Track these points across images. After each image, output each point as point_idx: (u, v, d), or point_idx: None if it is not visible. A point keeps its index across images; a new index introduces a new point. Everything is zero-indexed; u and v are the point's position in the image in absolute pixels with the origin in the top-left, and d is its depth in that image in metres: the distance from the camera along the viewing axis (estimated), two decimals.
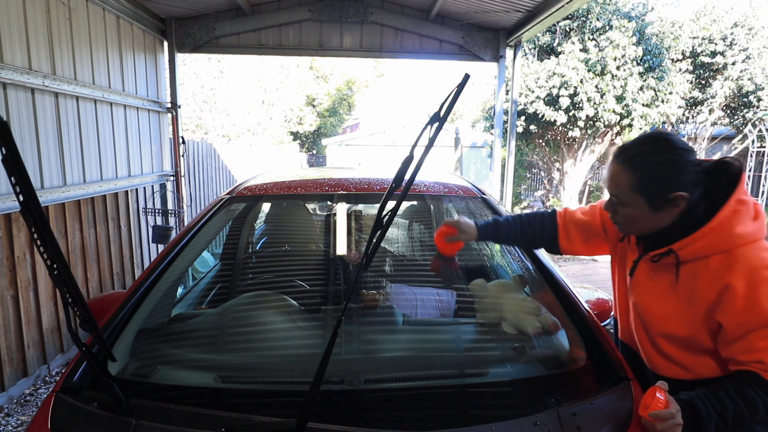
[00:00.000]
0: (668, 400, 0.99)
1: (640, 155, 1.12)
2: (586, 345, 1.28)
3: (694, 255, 1.11)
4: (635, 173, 1.11)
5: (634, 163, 1.12)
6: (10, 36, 2.89)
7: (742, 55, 8.81)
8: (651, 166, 1.10)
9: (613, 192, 1.17)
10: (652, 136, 1.15)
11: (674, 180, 1.09)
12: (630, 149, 1.14)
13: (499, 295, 1.53)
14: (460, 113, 26.45)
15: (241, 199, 1.98)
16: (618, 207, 1.18)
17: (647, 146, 1.12)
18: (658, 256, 1.16)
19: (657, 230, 1.17)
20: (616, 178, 1.15)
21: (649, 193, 1.11)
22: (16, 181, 0.75)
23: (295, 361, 1.32)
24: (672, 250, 1.13)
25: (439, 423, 1.03)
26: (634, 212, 1.15)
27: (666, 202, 1.11)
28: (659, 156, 1.10)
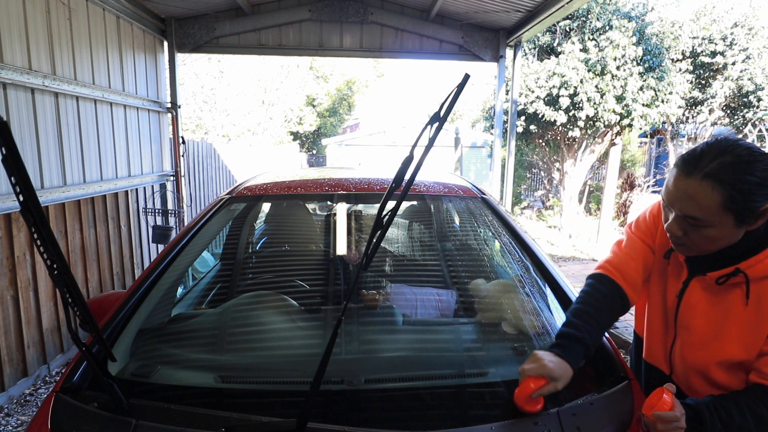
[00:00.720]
0: (674, 403, 0.98)
1: (724, 168, 0.96)
2: None
3: (764, 273, 1.02)
4: (725, 189, 0.96)
5: (721, 178, 0.96)
6: (10, 36, 2.89)
7: (742, 55, 8.81)
8: (742, 178, 0.95)
9: (692, 213, 1.00)
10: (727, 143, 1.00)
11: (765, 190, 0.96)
12: (707, 161, 0.98)
13: (499, 295, 1.53)
14: (460, 113, 26.45)
15: (241, 199, 1.98)
16: (692, 228, 1.03)
17: (729, 156, 0.97)
18: (725, 277, 1.05)
19: None
20: (696, 197, 0.99)
21: (739, 210, 0.97)
22: (16, 181, 0.75)
23: (295, 361, 1.32)
24: (739, 269, 1.03)
25: (439, 423, 1.03)
26: (718, 233, 1.01)
27: (754, 217, 0.98)
28: (746, 166, 0.96)
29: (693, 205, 1.00)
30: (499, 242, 1.84)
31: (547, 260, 1.63)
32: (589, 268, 7.24)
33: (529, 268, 1.62)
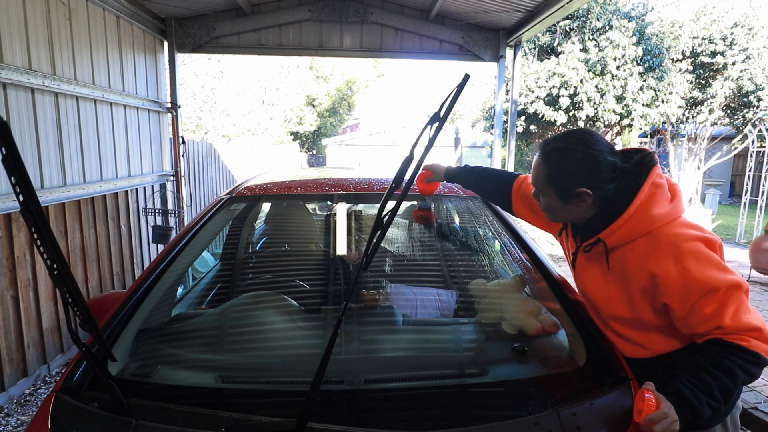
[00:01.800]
0: (658, 399, 1.00)
1: (554, 151, 1.20)
2: (585, 345, 1.28)
3: (620, 241, 1.17)
4: (548, 167, 1.21)
5: (548, 158, 1.21)
6: (10, 36, 2.89)
7: (742, 55, 8.81)
8: (562, 162, 1.18)
9: (533, 182, 1.27)
10: (571, 133, 1.22)
11: (580, 177, 1.16)
12: (549, 144, 1.23)
13: (499, 295, 1.53)
14: (460, 113, 26.45)
15: (241, 199, 1.98)
16: (539, 196, 1.28)
17: (563, 142, 1.20)
18: (589, 246, 1.23)
19: (583, 222, 1.25)
20: (535, 170, 1.25)
21: (557, 187, 1.20)
22: (16, 181, 0.75)
23: (295, 361, 1.32)
24: (600, 239, 1.19)
25: (439, 423, 1.03)
26: (549, 202, 1.25)
27: (573, 197, 1.18)
28: (571, 154, 1.17)
29: (532, 175, 1.27)
30: (499, 242, 1.84)
31: (547, 260, 1.64)
32: None
33: (529, 268, 1.62)
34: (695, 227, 1.14)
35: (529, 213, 1.54)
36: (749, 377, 1.05)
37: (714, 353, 1.07)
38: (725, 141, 11.00)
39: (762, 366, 1.05)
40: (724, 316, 1.05)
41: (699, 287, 1.06)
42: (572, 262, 1.35)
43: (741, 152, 11.42)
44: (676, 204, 1.16)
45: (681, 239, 1.10)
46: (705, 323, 1.07)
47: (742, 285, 1.08)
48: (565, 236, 1.38)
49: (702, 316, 1.07)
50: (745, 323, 1.05)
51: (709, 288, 1.06)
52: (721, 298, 1.06)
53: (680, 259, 1.08)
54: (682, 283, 1.08)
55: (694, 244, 1.09)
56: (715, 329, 1.07)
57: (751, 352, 1.04)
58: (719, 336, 1.07)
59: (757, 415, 2.69)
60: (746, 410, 2.74)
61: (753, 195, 9.67)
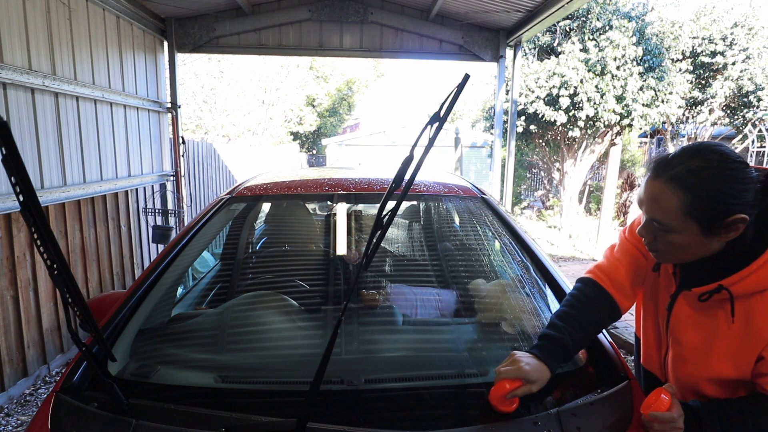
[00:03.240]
0: (672, 404, 0.97)
1: (691, 172, 0.94)
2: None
3: (750, 290, 0.97)
4: (687, 194, 0.94)
5: (686, 182, 0.94)
6: (10, 36, 2.89)
7: (742, 55, 8.81)
8: (707, 185, 0.93)
9: (656, 216, 0.99)
10: (700, 147, 0.97)
11: (734, 200, 0.92)
12: (676, 164, 0.96)
13: (499, 295, 1.53)
14: (460, 113, 26.45)
15: (241, 199, 1.98)
16: (660, 233, 1.01)
17: (698, 160, 0.94)
18: (707, 294, 1.01)
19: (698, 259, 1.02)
20: (660, 200, 0.97)
21: (703, 218, 0.94)
22: (16, 181, 0.75)
23: (295, 361, 1.32)
24: (722, 286, 0.98)
25: (439, 423, 1.03)
26: (682, 239, 0.98)
27: (722, 227, 0.94)
28: (715, 172, 0.93)
29: (657, 208, 0.99)
30: (499, 242, 1.84)
31: (547, 260, 1.63)
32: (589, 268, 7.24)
33: (529, 268, 1.62)
34: None
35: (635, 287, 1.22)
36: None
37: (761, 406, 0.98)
38: (725, 141, 11.00)
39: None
40: None
41: None
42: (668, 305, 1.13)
43: (741, 152, 11.41)
44: None
45: None
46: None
47: None
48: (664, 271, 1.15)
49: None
50: None
51: None
52: None
53: None
54: None
55: None
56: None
57: None
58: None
59: None
60: None
61: None
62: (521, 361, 1.03)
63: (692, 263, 1.04)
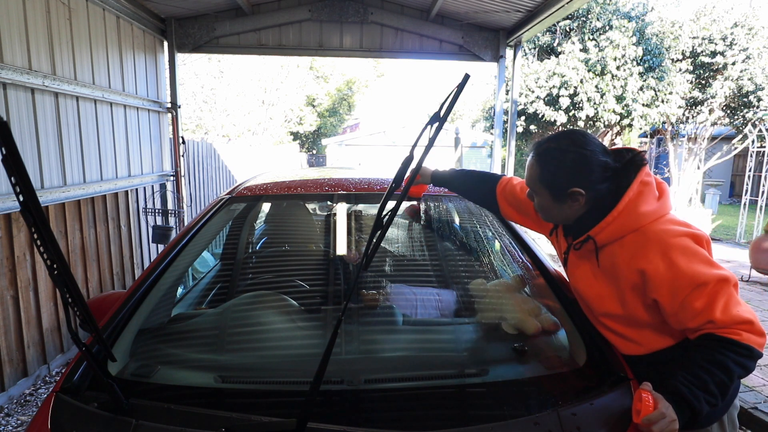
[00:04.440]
0: (656, 399, 1.00)
1: (548, 151, 1.21)
2: (585, 345, 1.28)
3: (609, 238, 1.18)
4: (541, 167, 1.22)
5: (542, 158, 1.22)
6: (10, 36, 2.89)
7: (742, 55, 8.80)
8: (555, 162, 1.19)
9: (527, 182, 1.29)
10: (564, 133, 1.23)
11: (573, 177, 1.17)
12: (542, 145, 1.24)
13: (499, 295, 1.53)
14: (460, 113, 26.45)
15: (241, 199, 1.98)
16: (533, 196, 1.29)
17: (556, 143, 1.21)
18: (579, 243, 1.24)
19: (573, 221, 1.25)
20: (528, 170, 1.26)
21: (550, 187, 1.21)
22: (16, 181, 0.75)
23: (295, 361, 1.32)
24: (590, 236, 1.20)
25: (439, 423, 1.03)
26: (543, 202, 1.26)
27: (566, 197, 1.19)
28: (564, 154, 1.18)
29: (528, 176, 1.27)
30: (499, 242, 1.84)
31: (547, 260, 1.64)
32: None
33: (529, 268, 1.62)
34: (682, 224, 1.16)
35: (516, 214, 1.55)
36: (744, 371, 1.06)
37: (707, 348, 1.07)
38: (725, 141, 10.99)
39: (755, 359, 1.06)
40: (714, 310, 1.05)
41: (688, 282, 1.07)
42: (564, 261, 1.37)
43: (741, 152, 11.41)
44: (664, 202, 1.18)
45: (668, 235, 1.11)
46: (696, 318, 1.08)
47: (731, 279, 1.09)
48: (556, 236, 1.39)
49: (692, 310, 1.07)
50: (736, 316, 1.05)
51: (698, 282, 1.06)
52: (710, 292, 1.06)
53: (668, 254, 1.09)
54: (670, 278, 1.08)
55: (682, 239, 1.11)
56: (707, 324, 1.07)
57: (743, 345, 1.04)
58: (711, 331, 1.07)
59: (757, 415, 2.69)
60: (746, 410, 2.74)
61: (753, 195, 9.67)
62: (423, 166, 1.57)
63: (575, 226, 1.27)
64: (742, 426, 2.75)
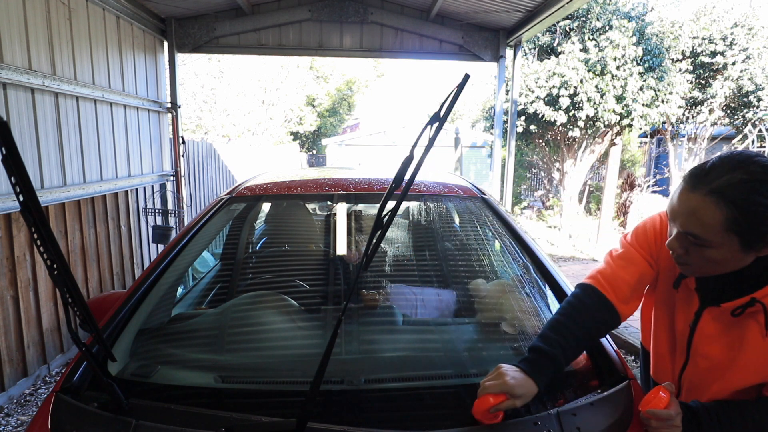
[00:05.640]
0: (671, 401, 0.97)
1: (733, 185, 0.89)
2: None
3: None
4: (730, 208, 0.89)
5: (728, 196, 0.89)
6: (10, 36, 2.89)
7: (742, 55, 8.80)
8: (751, 198, 0.88)
9: (694, 231, 0.94)
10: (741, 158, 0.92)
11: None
12: (716, 176, 0.91)
13: (499, 295, 1.53)
14: (460, 113, 26.46)
15: (241, 199, 1.98)
16: (693, 247, 0.96)
17: (740, 172, 0.90)
18: (740, 308, 0.98)
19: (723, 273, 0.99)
20: (699, 214, 0.92)
21: (746, 233, 0.90)
22: (16, 181, 0.75)
23: (295, 361, 1.32)
24: (755, 299, 0.96)
25: (439, 423, 1.02)
26: (719, 254, 0.94)
27: (763, 242, 0.91)
28: (759, 185, 0.88)
29: (695, 222, 0.93)
30: (499, 242, 1.84)
31: (547, 260, 1.63)
32: (590, 268, 7.27)
33: (529, 268, 1.62)
34: None
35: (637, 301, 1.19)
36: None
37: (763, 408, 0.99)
38: (725, 141, 10.99)
39: None
40: None
41: None
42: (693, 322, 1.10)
43: None
44: None
45: None
46: None
47: None
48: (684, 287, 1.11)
49: None
50: None
51: None
52: None
53: None
54: None
55: None
56: None
57: None
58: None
59: None
60: None
61: None
62: (507, 375, 0.98)
63: (712, 278, 1.02)
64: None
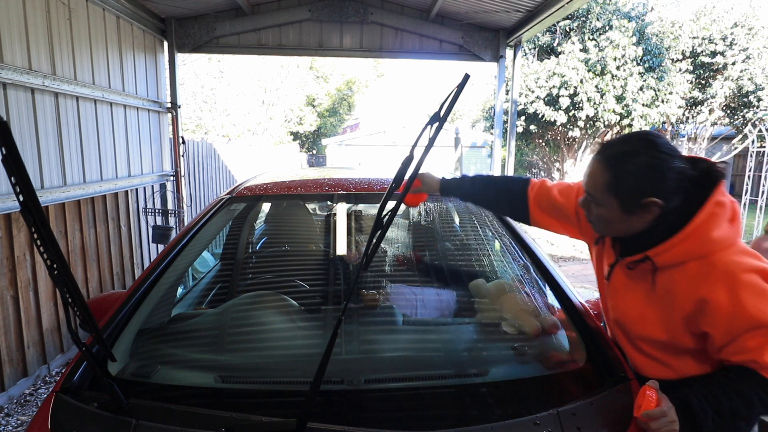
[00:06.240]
0: (659, 398, 0.99)
1: (619, 155, 1.07)
2: (585, 345, 1.28)
3: (671, 261, 1.08)
4: (612, 173, 1.07)
5: (612, 163, 1.08)
6: (10, 36, 2.89)
7: (742, 55, 8.81)
8: (629, 167, 1.05)
9: (589, 190, 1.14)
10: (637, 135, 1.10)
11: (650, 185, 1.05)
12: (612, 147, 1.10)
13: (499, 295, 1.53)
14: (460, 113, 26.46)
15: (241, 199, 1.98)
16: (592, 206, 1.15)
17: (629, 146, 1.07)
18: (633, 263, 1.13)
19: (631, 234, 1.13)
20: (593, 176, 1.12)
21: (622, 196, 1.07)
22: (16, 181, 0.75)
23: (295, 361, 1.32)
24: (648, 256, 1.09)
25: (439, 423, 1.03)
26: (607, 213, 1.12)
27: (639, 207, 1.07)
28: (639, 158, 1.05)
29: (590, 182, 1.13)
30: (499, 242, 1.84)
31: (547, 260, 1.64)
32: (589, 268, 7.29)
33: (529, 268, 1.62)
34: (753, 255, 1.06)
35: (552, 221, 1.40)
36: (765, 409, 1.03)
37: (738, 377, 1.04)
38: (725, 141, 11.00)
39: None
40: (764, 353, 1.00)
41: (748, 321, 1.00)
42: (607, 274, 1.25)
43: (741, 152, 11.40)
44: (736, 227, 1.07)
45: (739, 269, 1.02)
46: (741, 354, 1.03)
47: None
48: (602, 245, 1.27)
49: (742, 348, 1.02)
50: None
51: (758, 324, 1.00)
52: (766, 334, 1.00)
53: (736, 290, 1.01)
54: (732, 314, 1.01)
55: (752, 276, 1.01)
56: (750, 362, 1.02)
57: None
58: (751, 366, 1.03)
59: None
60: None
61: (753, 195, 9.66)
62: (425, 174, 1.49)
63: (630, 239, 1.15)
64: None
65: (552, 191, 1.38)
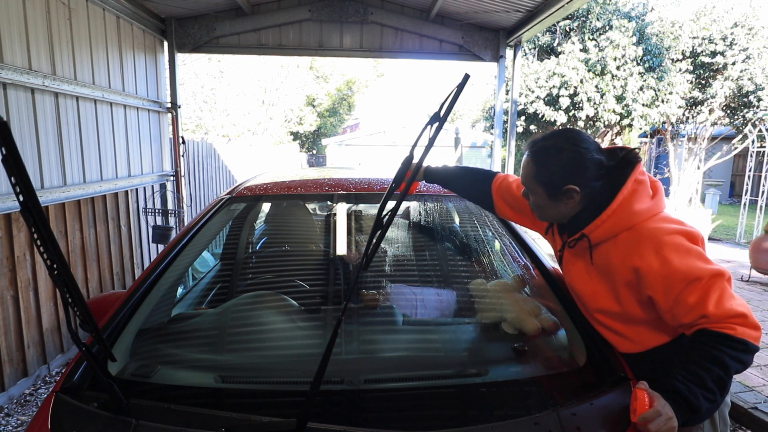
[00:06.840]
0: (652, 398, 1.00)
1: (543, 149, 1.23)
2: (585, 345, 1.28)
3: (603, 236, 1.20)
4: (536, 165, 1.23)
5: (537, 156, 1.23)
6: (10, 36, 2.89)
7: (742, 55, 8.80)
8: (550, 160, 1.21)
9: (523, 181, 1.29)
10: (559, 132, 1.25)
11: (568, 174, 1.19)
12: (537, 143, 1.25)
13: (499, 295, 1.53)
14: (460, 113, 26.46)
15: (241, 199, 1.98)
16: (528, 195, 1.30)
17: (550, 141, 1.23)
18: (573, 241, 1.26)
19: (568, 218, 1.27)
20: (524, 168, 1.27)
21: (546, 185, 1.22)
22: (16, 181, 0.75)
23: (295, 361, 1.32)
24: (584, 234, 1.22)
25: (439, 423, 1.03)
26: (539, 200, 1.26)
27: (561, 194, 1.21)
28: (559, 152, 1.20)
29: (522, 174, 1.29)
30: (499, 242, 1.84)
31: (547, 260, 1.64)
32: None
33: (529, 267, 1.62)
34: (676, 221, 1.17)
35: (511, 212, 1.54)
36: (741, 365, 1.06)
37: (703, 345, 1.07)
38: (725, 141, 10.99)
39: (751, 352, 1.06)
40: (708, 305, 1.06)
41: (681, 278, 1.08)
42: (559, 258, 1.38)
43: (741, 152, 11.41)
44: (658, 200, 1.20)
45: (662, 233, 1.13)
46: (690, 313, 1.08)
47: (724, 273, 1.10)
48: (552, 234, 1.40)
49: (686, 306, 1.08)
50: (729, 310, 1.06)
51: (691, 278, 1.08)
52: (704, 287, 1.07)
53: (661, 251, 1.10)
54: (664, 274, 1.09)
55: (675, 237, 1.12)
56: (701, 318, 1.07)
57: (738, 339, 1.04)
58: (705, 326, 1.07)
59: (757, 415, 2.69)
60: (746, 410, 2.74)
61: (753, 195, 9.67)
62: None
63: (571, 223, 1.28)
64: (742, 426, 2.75)
65: (512, 185, 1.51)
